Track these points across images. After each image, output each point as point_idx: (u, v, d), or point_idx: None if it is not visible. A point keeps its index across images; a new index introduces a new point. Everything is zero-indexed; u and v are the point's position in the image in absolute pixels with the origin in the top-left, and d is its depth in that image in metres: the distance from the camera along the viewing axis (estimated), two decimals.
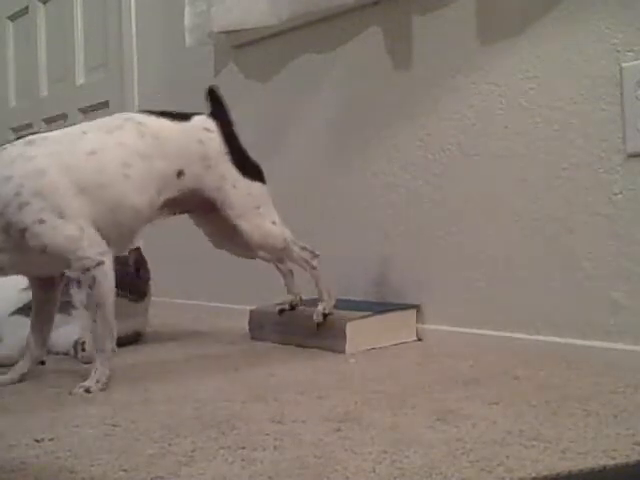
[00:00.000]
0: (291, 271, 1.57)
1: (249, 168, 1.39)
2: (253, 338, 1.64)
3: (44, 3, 3.07)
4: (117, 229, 1.26)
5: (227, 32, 1.93)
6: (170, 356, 1.37)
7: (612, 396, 1.00)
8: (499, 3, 1.40)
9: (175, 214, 1.40)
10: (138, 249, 1.60)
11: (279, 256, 1.46)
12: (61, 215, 1.16)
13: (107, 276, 1.19)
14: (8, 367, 1.29)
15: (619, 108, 1.23)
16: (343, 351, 1.41)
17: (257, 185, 1.39)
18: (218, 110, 1.40)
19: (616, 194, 1.24)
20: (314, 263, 1.47)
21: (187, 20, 2.00)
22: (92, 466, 0.79)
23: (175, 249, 1.25)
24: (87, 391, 1.16)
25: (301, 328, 1.52)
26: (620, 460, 0.75)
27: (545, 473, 0.72)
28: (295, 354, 1.45)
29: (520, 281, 1.38)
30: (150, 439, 0.89)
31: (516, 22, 1.37)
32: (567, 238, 1.30)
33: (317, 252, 1.48)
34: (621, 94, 1.22)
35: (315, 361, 1.35)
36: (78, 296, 1.53)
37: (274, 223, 1.40)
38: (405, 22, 1.57)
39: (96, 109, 2.72)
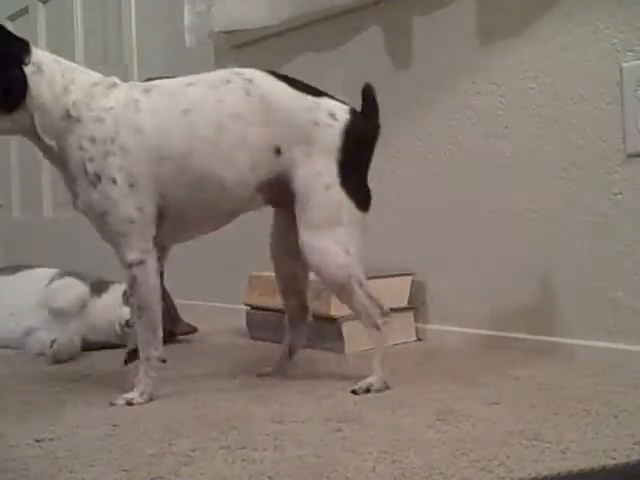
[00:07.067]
0: (304, 332, 1.26)
1: (354, 183, 1.11)
2: (252, 338, 1.64)
3: (44, 3, 3.07)
4: (200, 209, 1.12)
5: (227, 32, 1.93)
6: (170, 356, 1.36)
7: (612, 396, 1.00)
8: (499, 3, 1.40)
9: (270, 204, 1.18)
10: None
11: (337, 293, 1.15)
12: (132, 183, 1.06)
13: (149, 277, 1.08)
14: None
15: (619, 108, 1.23)
16: (342, 351, 1.41)
17: (351, 205, 1.10)
18: (367, 110, 1.16)
19: (616, 194, 1.24)
20: (379, 322, 1.12)
21: (187, 20, 2.01)
22: (92, 466, 0.79)
23: (175, 249, 1.25)
24: (129, 403, 1.07)
25: None
26: (620, 460, 0.75)
27: (545, 473, 0.72)
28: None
29: (520, 281, 1.38)
30: (150, 439, 0.89)
31: (516, 22, 1.37)
32: (567, 238, 1.30)
33: (387, 309, 1.14)
34: (621, 94, 1.23)
35: (315, 361, 1.35)
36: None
37: (347, 253, 1.09)
38: (405, 22, 1.57)
39: None
